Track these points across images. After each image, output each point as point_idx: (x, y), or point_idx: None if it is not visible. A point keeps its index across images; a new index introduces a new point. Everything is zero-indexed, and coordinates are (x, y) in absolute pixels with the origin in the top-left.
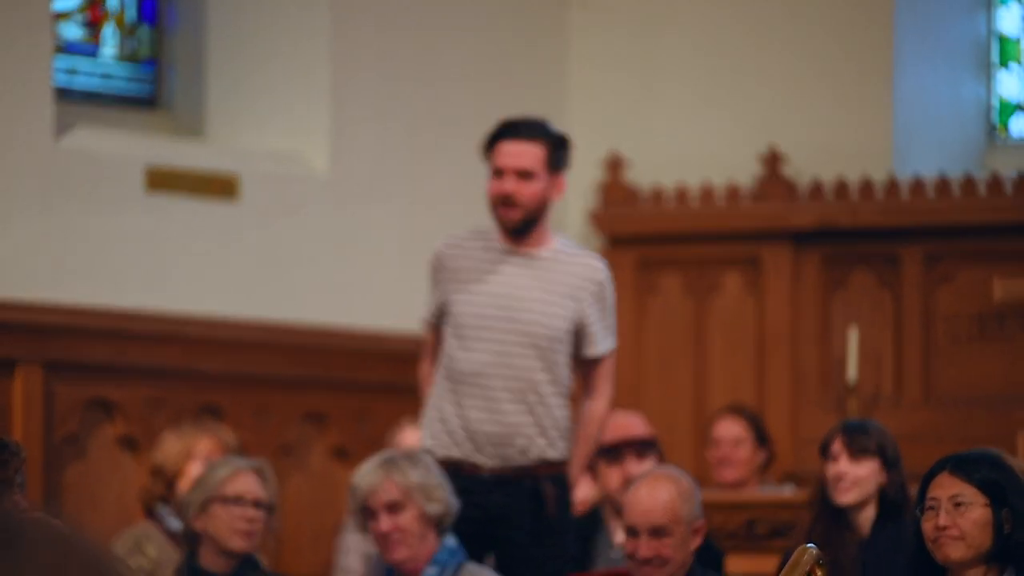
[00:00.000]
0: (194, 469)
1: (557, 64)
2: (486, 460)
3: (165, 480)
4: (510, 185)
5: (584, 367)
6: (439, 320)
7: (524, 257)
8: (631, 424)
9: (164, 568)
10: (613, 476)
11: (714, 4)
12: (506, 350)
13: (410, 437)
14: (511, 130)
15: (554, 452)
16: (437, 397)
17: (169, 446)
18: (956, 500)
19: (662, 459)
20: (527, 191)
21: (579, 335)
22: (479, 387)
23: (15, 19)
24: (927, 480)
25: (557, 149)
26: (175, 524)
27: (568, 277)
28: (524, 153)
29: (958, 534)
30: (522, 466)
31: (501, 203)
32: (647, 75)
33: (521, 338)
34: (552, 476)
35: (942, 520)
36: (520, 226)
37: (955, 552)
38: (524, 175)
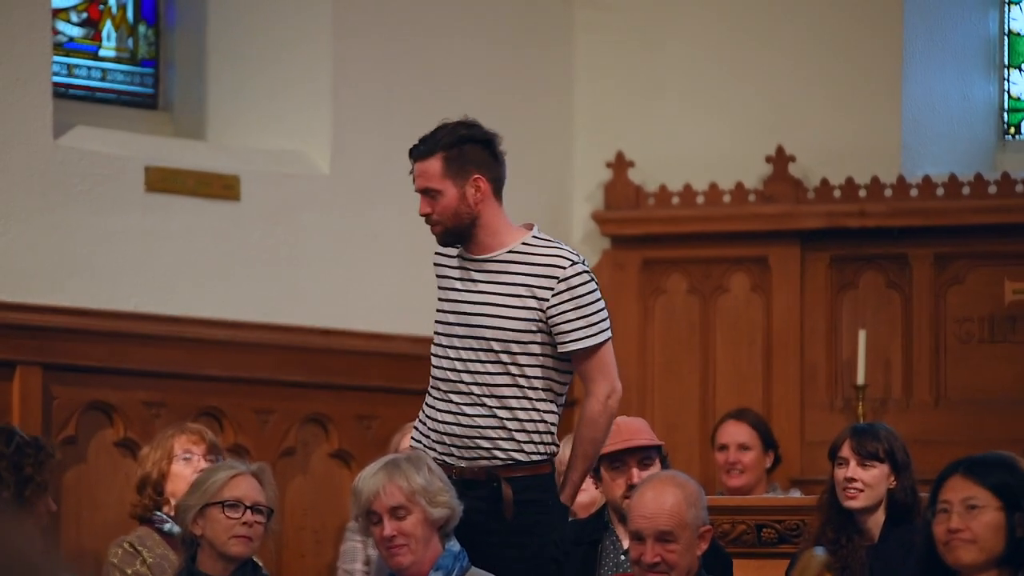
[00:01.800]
0: (178, 467)
1: (562, 65)
2: (456, 462)
3: (152, 489)
4: (423, 206)
5: (575, 364)
6: None
7: (482, 262)
8: (635, 430)
9: (162, 572)
10: (617, 483)
11: (721, 4)
12: (463, 356)
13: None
14: (410, 152)
15: (523, 455)
16: (425, 401)
17: (146, 456)
18: (969, 503)
19: (667, 466)
20: (438, 207)
21: (550, 333)
22: (444, 392)
23: (15, 17)
24: (939, 483)
25: (460, 154)
26: (172, 527)
27: (527, 275)
28: (422, 173)
29: (970, 537)
30: (487, 467)
31: (427, 223)
32: (653, 75)
33: (475, 343)
34: (515, 478)
35: (954, 523)
36: (450, 239)
37: (967, 555)
38: (428, 193)
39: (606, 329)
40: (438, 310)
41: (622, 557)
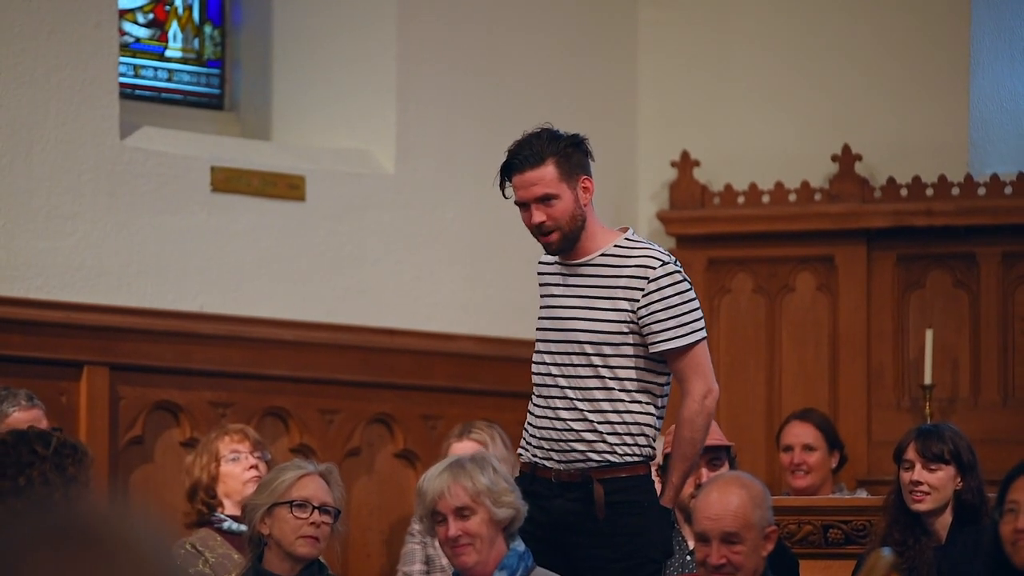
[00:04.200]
0: (227, 468)
1: (627, 63)
2: (555, 464)
3: (204, 493)
4: (538, 215)
5: (669, 365)
6: None
7: (577, 266)
8: None
9: (225, 571)
10: (686, 484)
11: (788, 2)
12: (559, 360)
13: (465, 447)
14: (513, 166)
15: (616, 457)
16: (529, 407)
17: (192, 463)
18: None
19: (735, 467)
20: (556, 213)
21: (643, 332)
22: (544, 397)
23: (82, 18)
24: (1007, 483)
25: (568, 158)
26: (232, 525)
27: (619, 276)
28: (536, 181)
29: None
30: (583, 470)
31: (537, 232)
32: (718, 73)
33: (569, 347)
34: (608, 479)
35: (1022, 523)
36: (565, 246)
37: None
38: (544, 200)
39: (700, 329)
40: (540, 317)
41: (688, 558)
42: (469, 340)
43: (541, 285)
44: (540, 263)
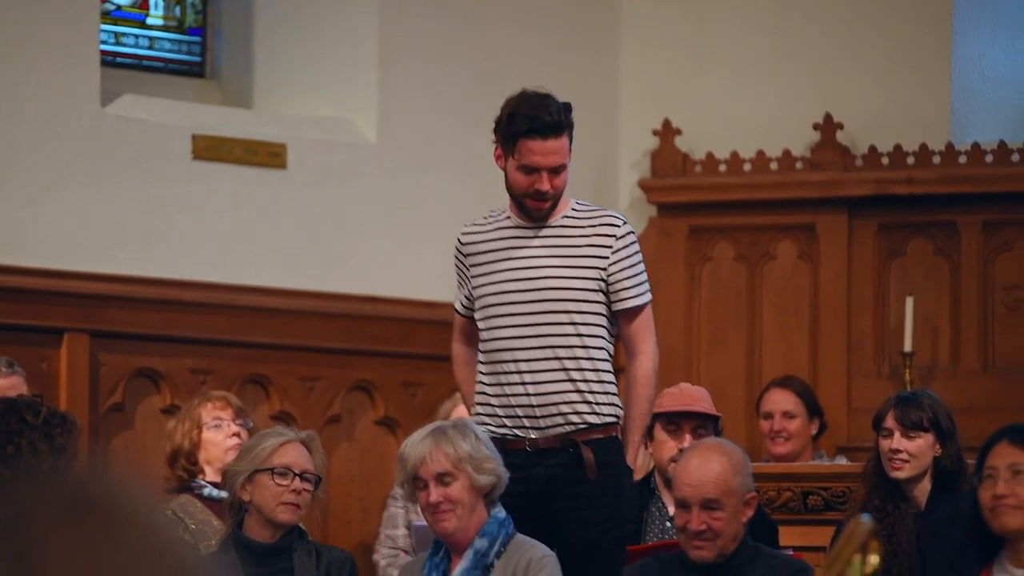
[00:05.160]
0: (209, 435)
1: (609, 32)
2: (528, 433)
3: (185, 460)
4: (547, 183)
5: (622, 324)
6: (471, 307)
7: (538, 228)
8: (697, 398)
9: (205, 538)
10: (668, 445)
11: None
12: (533, 321)
13: (462, 411)
14: (542, 130)
15: (596, 418)
16: (479, 380)
17: (174, 429)
18: (1015, 468)
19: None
20: (559, 182)
21: (608, 292)
22: (513, 363)
23: None
24: (985, 449)
25: (572, 129)
26: (212, 492)
27: (586, 236)
28: (558, 150)
29: (1016, 503)
30: (564, 435)
31: (536, 197)
32: (700, 42)
33: (545, 306)
34: (594, 441)
35: (1000, 489)
36: (549, 212)
37: (1012, 521)
38: (558, 169)
39: (650, 289)
40: (479, 285)
41: (668, 524)
42: (450, 308)
43: (475, 254)
44: (466, 233)
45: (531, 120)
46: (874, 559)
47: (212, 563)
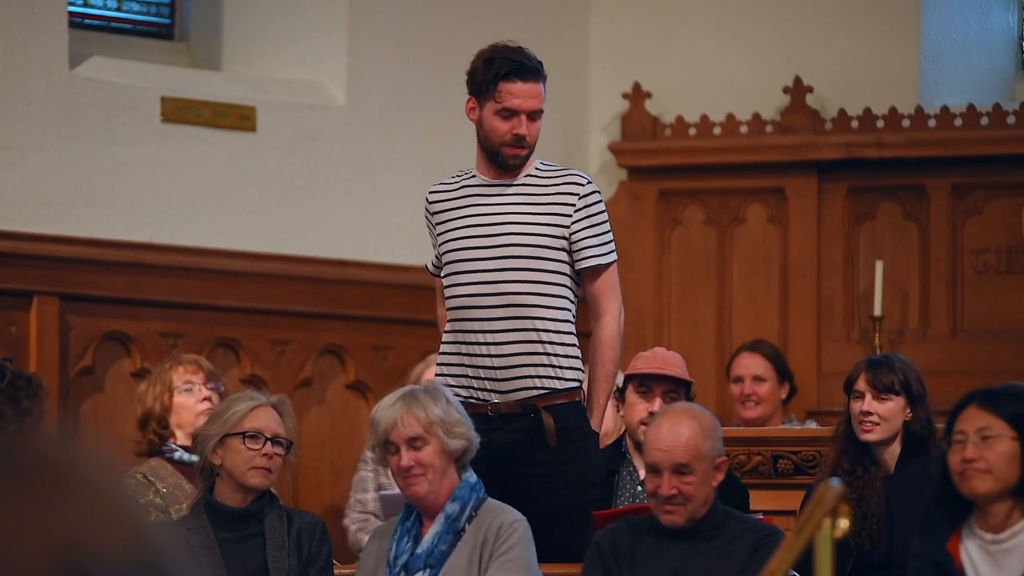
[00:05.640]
0: (180, 399)
1: None
2: (490, 397)
3: (156, 423)
4: (524, 128)
5: (587, 284)
6: (441, 266)
7: (503, 186)
8: (671, 363)
9: (176, 501)
10: (639, 407)
11: None
12: (495, 279)
13: (432, 374)
14: (522, 71)
15: (559, 383)
16: (443, 340)
17: (145, 392)
18: (984, 433)
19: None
20: (535, 131)
21: (571, 251)
22: (476, 320)
23: None
24: (954, 413)
25: (546, 82)
26: (183, 456)
27: (550, 193)
28: (538, 94)
29: (985, 467)
30: (525, 400)
31: (515, 144)
32: (670, 5)
33: (507, 263)
34: (556, 407)
35: (969, 453)
36: (522, 164)
37: (981, 485)
38: (535, 115)
39: (615, 250)
40: (443, 242)
41: (639, 488)
42: (420, 272)
43: (442, 211)
44: (434, 191)
45: (512, 63)
46: (844, 523)
47: (177, 527)
